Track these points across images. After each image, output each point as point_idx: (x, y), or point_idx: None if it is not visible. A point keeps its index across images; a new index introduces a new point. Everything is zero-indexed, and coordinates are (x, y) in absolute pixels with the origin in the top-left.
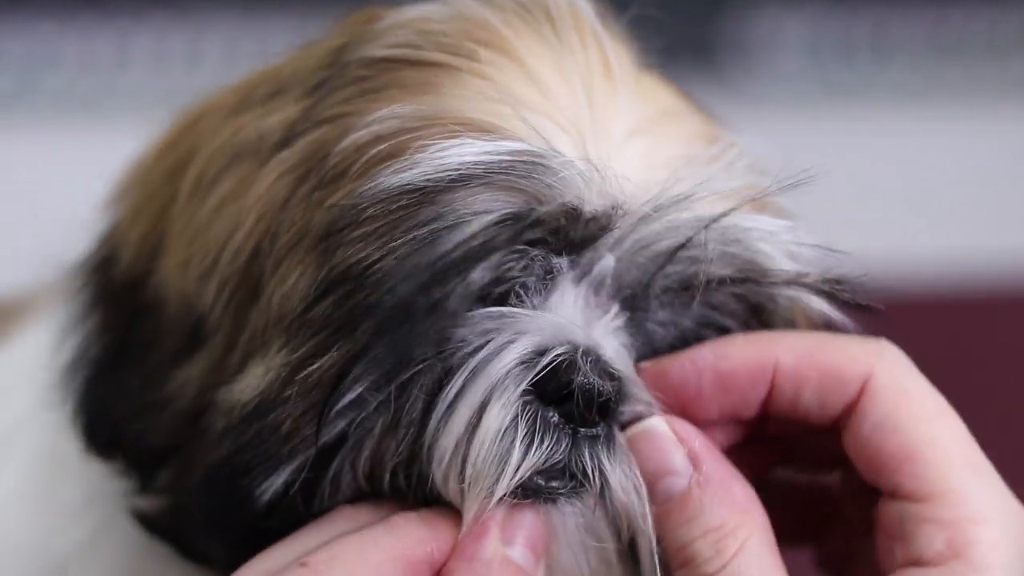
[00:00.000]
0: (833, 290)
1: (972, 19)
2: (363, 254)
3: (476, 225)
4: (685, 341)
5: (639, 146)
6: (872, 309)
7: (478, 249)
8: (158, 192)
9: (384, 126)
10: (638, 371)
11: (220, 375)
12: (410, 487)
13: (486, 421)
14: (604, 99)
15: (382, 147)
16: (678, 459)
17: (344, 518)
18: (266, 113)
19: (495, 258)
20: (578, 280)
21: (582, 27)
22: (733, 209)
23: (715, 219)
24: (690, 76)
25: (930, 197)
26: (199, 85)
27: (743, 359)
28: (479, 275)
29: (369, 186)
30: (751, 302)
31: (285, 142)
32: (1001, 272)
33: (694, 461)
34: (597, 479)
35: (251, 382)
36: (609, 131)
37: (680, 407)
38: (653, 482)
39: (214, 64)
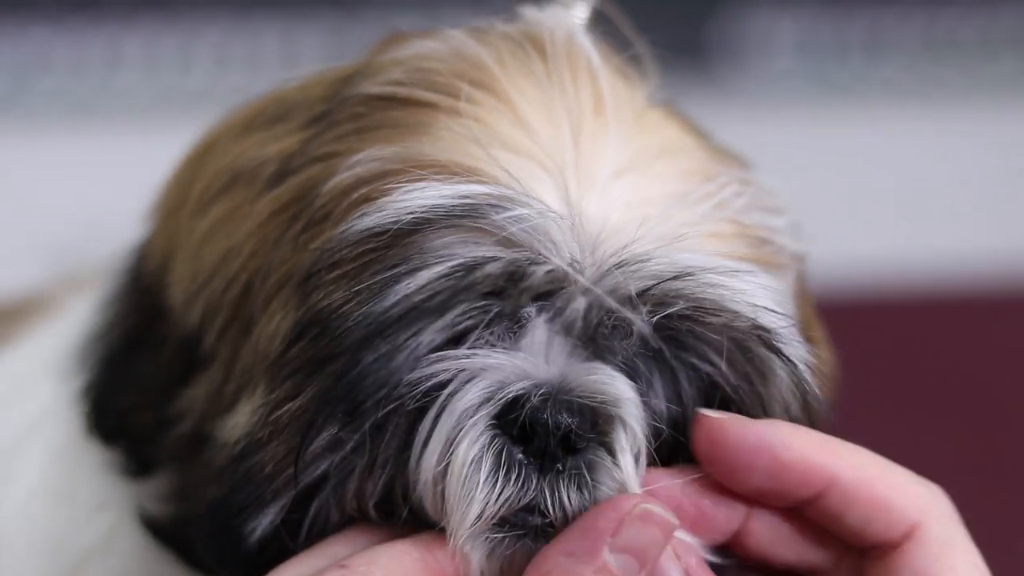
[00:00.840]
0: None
1: (965, 19)
2: (333, 298)
3: (424, 278)
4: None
5: (625, 186)
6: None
7: (427, 305)
8: (176, 202)
9: (365, 168)
10: (697, 417)
11: (218, 405)
12: (401, 517)
13: (454, 458)
14: (592, 138)
15: (362, 190)
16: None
17: (366, 533)
18: (268, 139)
19: (448, 317)
20: (549, 322)
21: (577, 63)
22: (699, 269)
23: (677, 275)
24: (684, 77)
25: (923, 196)
26: (189, 89)
27: (806, 457)
28: (428, 337)
29: (342, 229)
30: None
31: (280, 177)
32: (996, 271)
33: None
34: (558, 515)
35: (240, 420)
36: (593, 171)
37: (721, 468)
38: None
39: (205, 67)
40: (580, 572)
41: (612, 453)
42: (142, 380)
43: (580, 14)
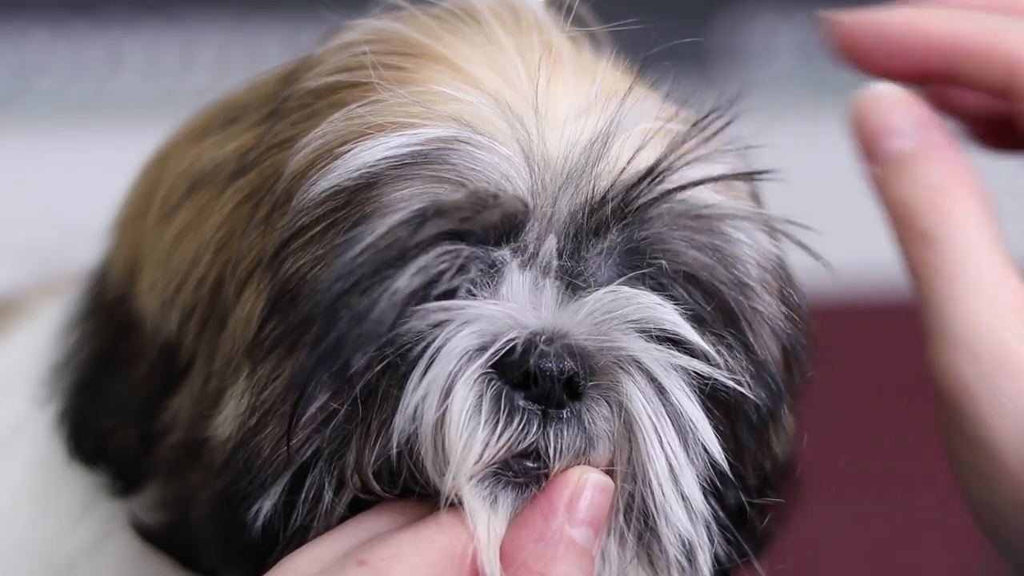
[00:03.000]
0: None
1: None
2: (300, 265)
3: (386, 225)
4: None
5: (581, 123)
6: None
7: (393, 253)
8: (137, 214)
9: (318, 143)
10: (832, 22)
11: (205, 406)
12: (401, 484)
13: (452, 401)
14: (544, 83)
15: (321, 164)
16: (905, 120)
17: (384, 515)
18: (223, 141)
19: (420, 260)
20: (525, 266)
21: (522, 23)
22: (664, 161)
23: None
24: (685, 81)
25: None
26: (190, 91)
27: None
28: (402, 283)
29: (299, 198)
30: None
31: (240, 171)
32: None
33: (920, 126)
34: (558, 461)
35: (228, 413)
36: (548, 112)
37: (868, 57)
38: (875, 141)
39: (205, 70)
40: (552, 555)
41: (611, 394)
42: (118, 400)
43: None
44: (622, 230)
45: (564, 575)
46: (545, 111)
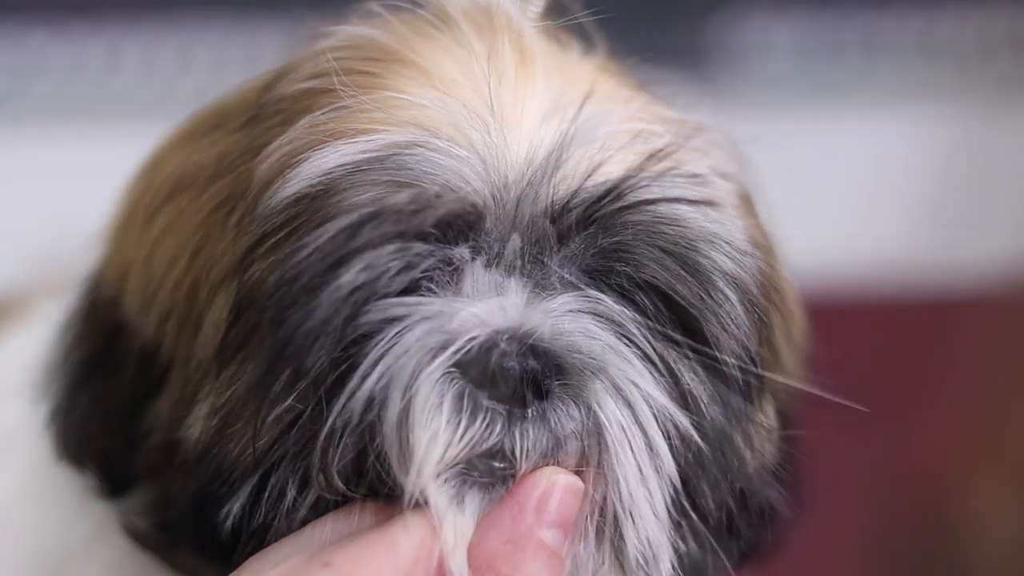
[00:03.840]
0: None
1: (961, 20)
2: (260, 270)
3: (334, 228)
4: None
5: (549, 127)
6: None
7: (341, 252)
8: (128, 218)
9: (284, 150)
10: None
11: (181, 409)
12: (367, 485)
13: (413, 404)
14: (513, 85)
15: (284, 171)
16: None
17: (350, 516)
18: (206, 146)
19: (366, 256)
20: (489, 265)
21: (495, 26)
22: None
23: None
24: (680, 80)
25: (920, 197)
26: (188, 92)
27: None
28: (348, 278)
29: (263, 206)
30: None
31: (218, 175)
32: (991, 272)
33: None
34: (523, 461)
35: (199, 414)
36: (514, 114)
37: None
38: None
39: (203, 71)
40: (521, 558)
41: (579, 396)
42: (106, 403)
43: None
44: (585, 238)
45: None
46: (509, 115)
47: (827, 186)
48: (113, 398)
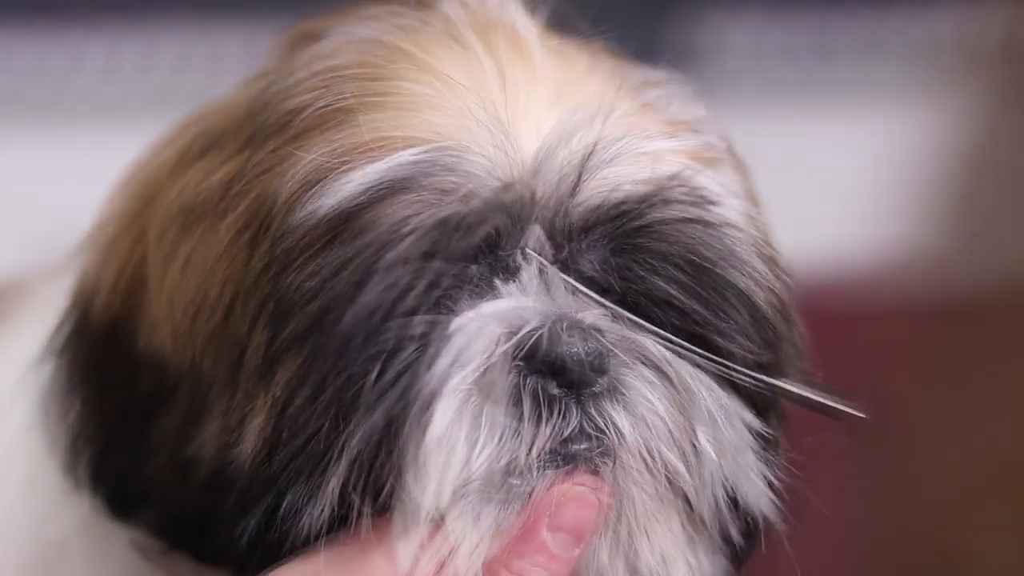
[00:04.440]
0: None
1: (909, 22)
2: (292, 289)
3: (353, 250)
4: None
5: (557, 116)
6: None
7: (362, 274)
8: (120, 235)
9: (306, 171)
10: None
11: (191, 427)
12: (382, 502)
13: (433, 423)
14: (519, 81)
15: (305, 193)
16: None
17: (363, 533)
18: (207, 170)
19: (392, 276)
20: (508, 280)
21: (492, 24)
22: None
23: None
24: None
25: (873, 194)
26: (187, 92)
27: None
28: (372, 297)
29: (286, 232)
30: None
31: (232, 201)
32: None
33: None
34: (612, 432)
35: (212, 432)
36: (523, 109)
37: None
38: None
39: (201, 71)
40: (520, 550)
41: (596, 412)
42: (109, 424)
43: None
44: (601, 257)
45: (523, 572)
46: (523, 125)
47: (784, 187)
48: (116, 418)
